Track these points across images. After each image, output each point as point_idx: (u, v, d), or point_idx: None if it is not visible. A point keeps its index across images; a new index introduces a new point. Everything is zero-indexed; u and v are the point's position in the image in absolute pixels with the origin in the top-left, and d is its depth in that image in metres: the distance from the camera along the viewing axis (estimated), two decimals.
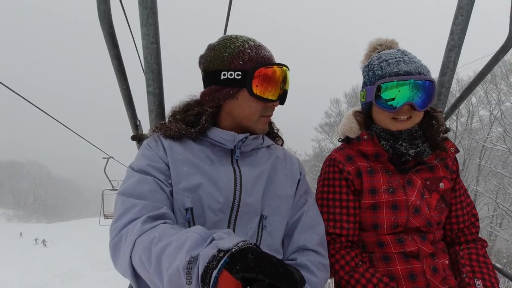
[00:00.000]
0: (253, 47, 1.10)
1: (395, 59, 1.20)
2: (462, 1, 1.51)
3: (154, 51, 1.34)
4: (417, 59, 1.22)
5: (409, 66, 1.17)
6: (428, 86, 1.17)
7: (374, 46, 1.37)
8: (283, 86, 1.14)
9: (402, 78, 1.16)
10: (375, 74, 1.23)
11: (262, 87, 1.08)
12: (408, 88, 1.16)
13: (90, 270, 16.35)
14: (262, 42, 1.16)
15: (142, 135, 1.61)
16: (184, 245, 0.72)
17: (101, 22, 1.15)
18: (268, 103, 1.13)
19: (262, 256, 0.63)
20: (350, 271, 1.20)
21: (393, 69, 1.18)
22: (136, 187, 0.98)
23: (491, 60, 1.58)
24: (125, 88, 1.43)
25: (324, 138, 27.43)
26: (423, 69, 1.18)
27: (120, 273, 0.92)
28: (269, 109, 1.16)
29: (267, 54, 1.12)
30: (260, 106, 1.12)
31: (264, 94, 1.09)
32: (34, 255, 18.71)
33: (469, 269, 1.23)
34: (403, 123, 1.23)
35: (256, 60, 1.08)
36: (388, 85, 1.18)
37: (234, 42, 1.11)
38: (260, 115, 1.14)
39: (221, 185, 1.06)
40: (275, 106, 1.17)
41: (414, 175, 1.27)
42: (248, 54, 1.08)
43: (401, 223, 1.23)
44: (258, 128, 1.17)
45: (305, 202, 1.22)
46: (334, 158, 1.36)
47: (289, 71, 1.16)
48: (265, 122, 1.18)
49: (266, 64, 1.08)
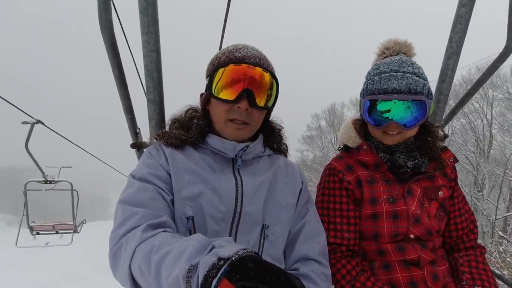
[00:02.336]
0: (228, 51, 1.11)
1: (388, 74, 1.17)
2: (460, 9, 1.52)
3: (155, 59, 1.34)
4: (416, 71, 1.17)
5: (400, 83, 1.14)
6: (416, 105, 1.15)
7: (382, 50, 1.34)
8: (242, 86, 1.05)
9: (388, 97, 1.15)
10: (368, 88, 1.23)
11: (219, 87, 1.07)
12: (394, 104, 1.15)
13: (92, 271, 16.75)
14: (251, 45, 1.14)
15: (141, 143, 1.60)
16: (184, 254, 0.72)
17: (102, 32, 1.14)
18: (232, 105, 1.07)
19: (263, 265, 0.62)
20: (351, 280, 1.20)
21: (383, 86, 1.16)
22: (136, 196, 0.98)
23: (489, 68, 1.60)
24: (126, 97, 1.43)
25: (306, 149, 29.05)
26: (415, 86, 1.14)
27: (119, 283, 0.91)
28: (234, 112, 1.08)
29: (239, 55, 1.09)
30: (223, 108, 1.08)
31: (219, 94, 1.07)
32: (41, 258, 19.25)
33: (469, 277, 1.23)
34: (393, 138, 1.23)
35: (224, 62, 1.08)
36: (375, 102, 1.19)
37: (220, 50, 1.14)
38: (226, 119, 1.09)
39: (222, 194, 1.05)
40: (242, 109, 1.07)
41: (413, 184, 1.28)
42: (219, 58, 1.11)
43: (401, 232, 1.23)
44: (226, 133, 1.11)
45: (306, 211, 1.21)
46: (334, 167, 1.35)
47: (260, 71, 1.08)
48: (233, 128, 1.10)
49: (225, 64, 1.07)
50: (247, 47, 1.13)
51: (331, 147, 26.76)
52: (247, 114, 1.09)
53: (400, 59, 1.22)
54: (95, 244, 22.95)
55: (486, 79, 1.66)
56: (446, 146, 1.33)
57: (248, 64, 1.06)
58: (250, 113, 1.09)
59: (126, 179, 1.09)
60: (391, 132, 1.21)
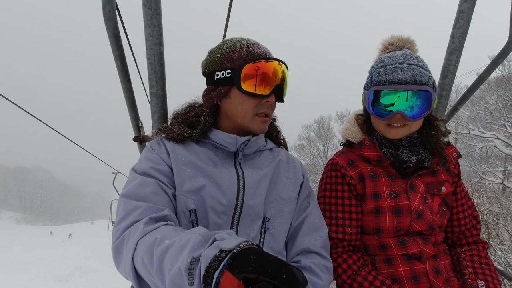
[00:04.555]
0: (244, 46, 1.11)
1: (393, 65, 1.17)
2: (462, 5, 1.52)
3: (158, 52, 1.34)
4: (421, 64, 1.18)
5: (405, 74, 1.14)
6: (422, 96, 1.14)
7: (385, 46, 1.34)
8: (275, 81, 1.11)
9: (394, 87, 1.14)
10: (372, 80, 1.22)
11: (250, 83, 1.07)
12: (398, 97, 1.15)
13: (101, 266, 18.20)
14: (258, 41, 1.15)
15: (144, 137, 1.60)
16: (186, 246, 0.72)
17: (106, 23, 1.15)
18: (261, 100, 1.10)
19: (264, 257, 0.62)
20: (352, 274, 1.20)
21: (388, 77, 1.16)
22: (138, 190, 0.98)
23: (491, 64, 1.59)
24: (128, 90, 1.43)
25: (297, 157, 31.54)
26: (421, 78, 1.14)
27: (122, 275, 0.92)
28: (263, 107, 1.12)
29: (260, 50, 1.11)
30: (253, 103, 1.10)
31: (253, 90, 1.08)
32: (55, 253, 21.05)
33: (471, 271, 1.23)
34: (398, 131, 1.22)
35: (246, 57, 1.09)
36: (380, 93, 1.18)
37: (227, 43, 1.13)
38: (254, 113, 1.12)
39: (224, 187, 1.06)
40: (270, 103, 1.13)
41: (416, 180, 1.27)
42: (238, 52, 1.10)
43: (404, 228, 1.23)
44: (253, 127, 1.14)
45: (308, 205, 1.22)
46: (336, 162, 1.35)
47: (283, 66, 1.12)
48: (261, 121, 1.14)
49: (254, 60, 1.08)
50: (257, 42, 1.14)
51: (319, 156, 30.40)
52: (271, 108, 1.16)
53: (405, 52, 1.22)
54: (102, 240, 23.99)
55: (488, 75, 1.65)
56: (450, 142, 1.32)
57: (268, 59, 1.10)
58: (272, 106, 1.16)
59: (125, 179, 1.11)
60: (396, 125, 1.21)
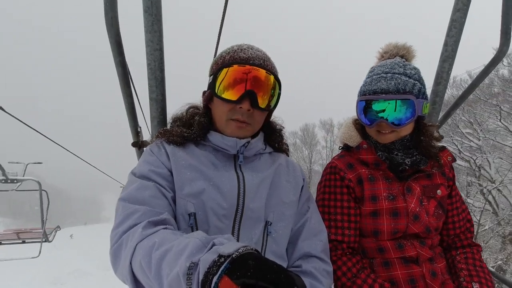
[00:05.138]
0: (232, 51, 1.12)
1: (379, 75, 1.23)
2: (455, 14, 1.57)
3: (158, 57, 1.34)
4: (408, 72, 1.22)
5: (389, 84, 1.20)
6: (406, 104, 1.19)
7: (381, 54, 1.39)
8: (244, 87, 1.06)
9: (376, 97, 1.21)
10: (361, 89, 1.29)
11: (222, 87, 1.08)
12: (389, 104, 1.21)
13: (95, 269, 18.46)
14: (255, 46, 1.15)
15: (142, 142, 1.60)
16: (185, 251, 0.72)
17: (108, 30, 1.15)
18: (235, 105, 1.08)
19: (263, 262, 0.62)
20: (352, 277, 1.21)
21: (373, 87, 1.23)
22: (137, 193, 0.97)
23: (482, 71, 1.64)
24: (129, 95, 1.43)
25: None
26: (404, 86, 1.18)
27: (120, 280, 0.91)
28: (236, 112, 1.09)
29: (244, 55, 1.09)
30: (226, 108, 1.10)
31: (223, 94, 1.08)
32: (51, 256, 20.91)
33: (466, 273, 1.26)
34: (387, 136, 1.27)
35: (228, 62, 1.09)
36: (370, 102, 1.24)
37: (224, 50, 1.15)
38: (228, 118, 1.10)
39: (224, 191, 1.06)
40: (243, 109, 1.08)
41: (413, 183, 1.30)
42: (224, 57, 1.12)
43: (401, 230, 1.25)
44: (227, 132, 1.13)
45: (307, 209, 1.22)
46: (335, 165, 1.37)
47: (262, 72, 1.08)
48: (235, 126, 1.11)
49: (230, 65, 1.08)
50: (252, 47, 1.13)
51: (303, 161, 32.60)
52: (249, 115, 1.10)
53: (393, 61, 1.26)
54: (96, 243, 23.95)
55: (479, 82, 1.70)
56: (445, 146, 1.35)
57: (252, 65, 1.07)
58: (251, 113, 1.10)
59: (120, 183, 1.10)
60: (384, 131, 1.26)
